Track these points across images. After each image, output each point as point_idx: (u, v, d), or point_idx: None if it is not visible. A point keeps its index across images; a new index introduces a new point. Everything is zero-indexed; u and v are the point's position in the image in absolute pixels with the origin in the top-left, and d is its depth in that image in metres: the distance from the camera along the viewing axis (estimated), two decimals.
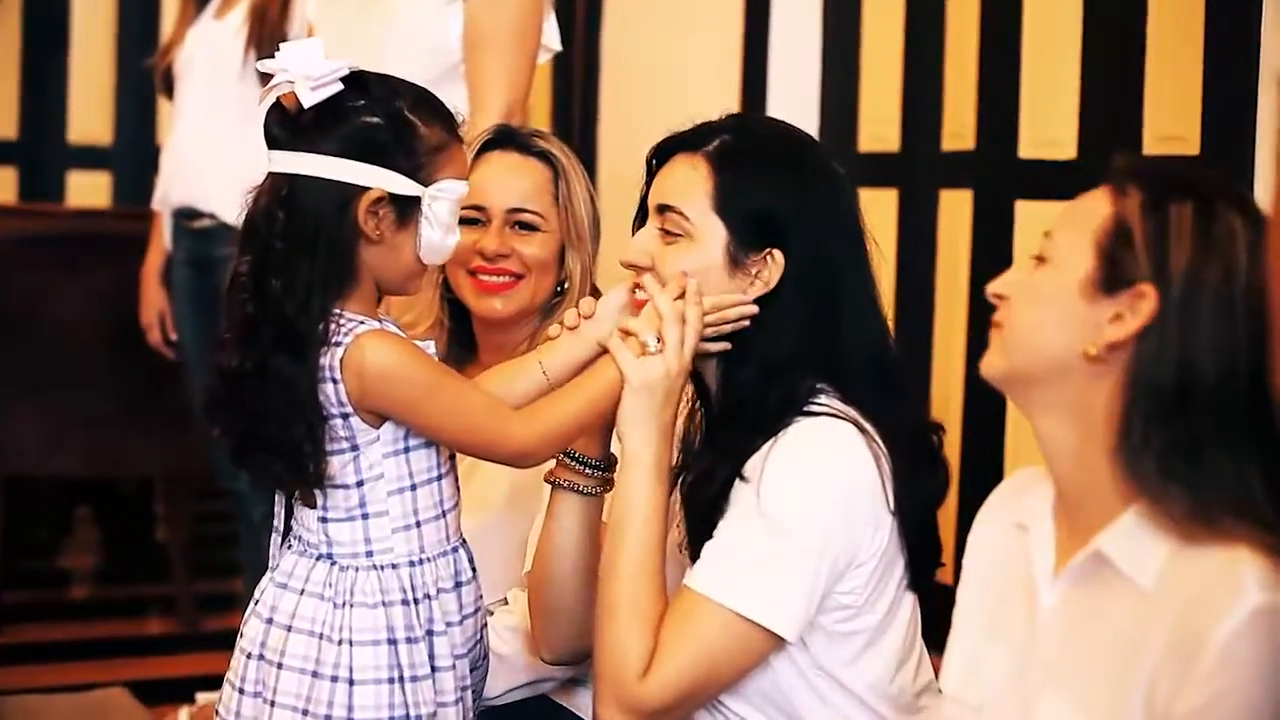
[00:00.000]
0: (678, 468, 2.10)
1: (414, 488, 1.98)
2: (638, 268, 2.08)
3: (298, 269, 1.91)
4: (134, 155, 5.71)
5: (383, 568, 1.97)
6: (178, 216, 3.89)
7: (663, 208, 2.06)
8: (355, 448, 1.94)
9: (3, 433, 4.30)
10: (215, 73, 3.72)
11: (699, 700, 1.99)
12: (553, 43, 3.18)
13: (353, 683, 1.94)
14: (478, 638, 2.06)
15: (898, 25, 4.08)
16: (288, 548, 2.03)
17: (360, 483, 1.96)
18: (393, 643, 1.95)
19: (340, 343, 1.91)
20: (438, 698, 1.97)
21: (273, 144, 1.95)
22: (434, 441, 1.98)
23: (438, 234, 1.97)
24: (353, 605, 1.96)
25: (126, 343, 4.15)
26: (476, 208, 2.49)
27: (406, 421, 1.95)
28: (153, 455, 4.45)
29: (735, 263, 2.03)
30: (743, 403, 2.02)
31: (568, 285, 2.52)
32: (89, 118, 5.87)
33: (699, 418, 2.15)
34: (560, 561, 2.15)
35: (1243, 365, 1.53)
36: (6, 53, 5.85)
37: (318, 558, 1.99)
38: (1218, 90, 3.09)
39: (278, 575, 2.02)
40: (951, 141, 3.89)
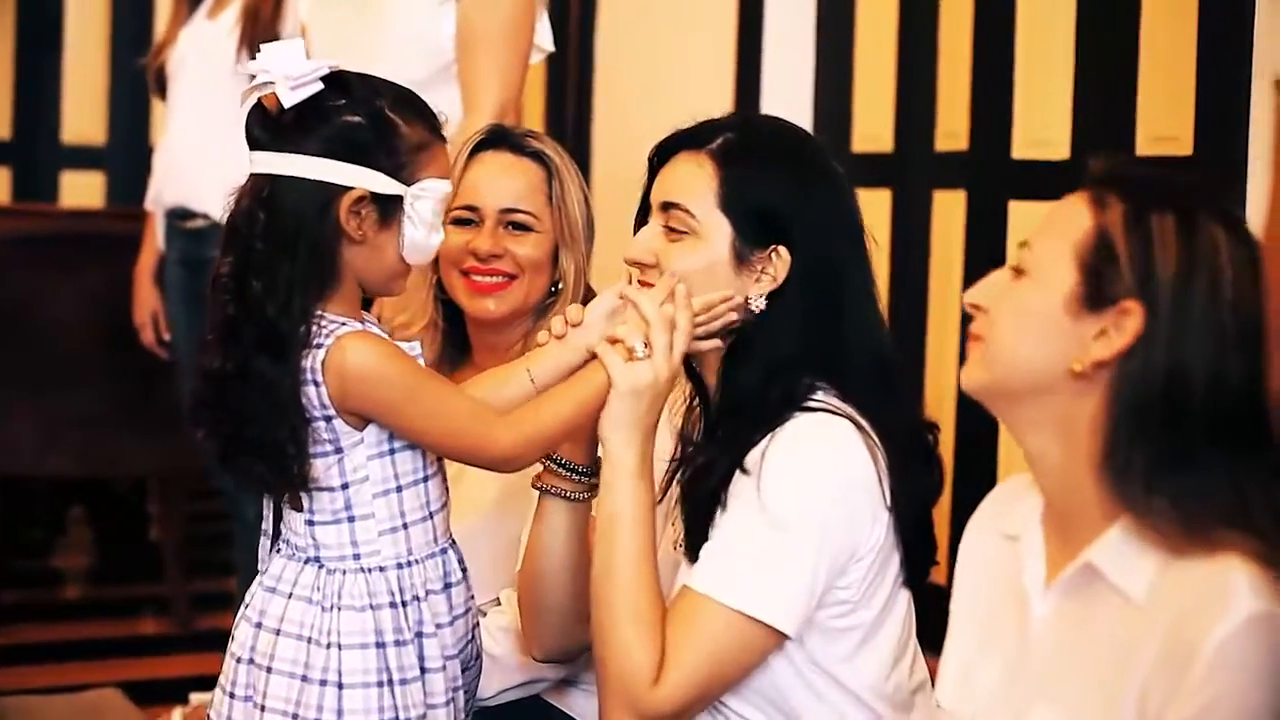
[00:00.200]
0: (675, 463, 2.11)
1: (400, 489, 1.97)
2: (642, 265, 2.08)
3: (279, 270, 1.90)
4: (127, 155, 5.71)
5: (370, 570, 1.97)
6: (171, 216, 3.89)
7: (667, 205, 2.06)
8: (339, 450, 1.94)
9: None
10: (208, 73, 3.73)
11: (709, 700, 1.99)
12: (545, 43, 3.18)
13: (341, 686, 1.94)
14: (469, 638, 2.06)
15: (891, 26, 4.09)
16: (277, 551, 2.03)
17: (345, 485, 1.95)
18: (381, 646, 1.95)
19: (321, 344, 1.90)
20: (428, 699, 1.97)
21: (254, 145, 1.95)
22: (417, 446, 1.97)
23: (421, 233, 1.96)
24: (340, 609, 1.95)
25: (120, 343, 4.15)
26: (470, 208, 2.49)
27: (388, 424, 1.94)
28: (146, 455, 4.45)
29: (740, 259, 2.03)
30: (744, 399, 2.02)
31: (561, 286, 2.51)
32: (82, 118, 5.87)
33: (696, 414, 2.15)
34: (549, 563, 2.15)
35: (1232, 375, 1.52)
36: (0, 53, 5.84)
37: (305, 561, 1.99)
38: (1211, 91, 3.09)
39: (266, 579, 2.02)
40: (945, 142, 3.89)
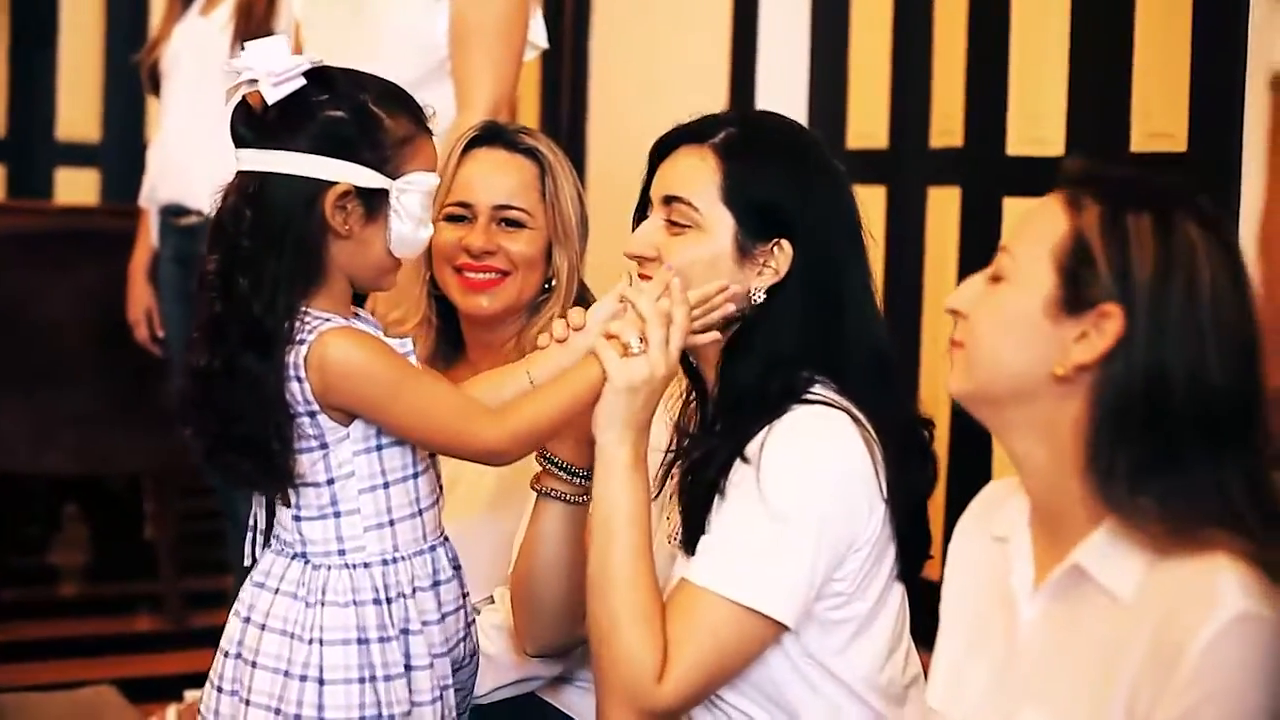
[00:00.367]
0: (671, 455, 2.11)
1: (387, 486, 1.97)
2: (643, 259, 2.08)
3: (264, 266, 1.90)
4: (122, 152, 5.70)
5: (355, 566, 1.96)
6: (165, 213, 3.89)
7: (670, 199, 2.07)
8: (324, 445, 1.94)
9: None
10: (202, 69, 3.72)
11: (712, 691, 2.00)
12: (540, 40, 3.18)
13: (323, 682, 1.94)
14: (462, 636, 2.06)
15: (886, 23, 4.09)
16: (268, 547, 2.03)
17: (331, 480, 1.95)
18: (364, 642, 1.95)
19: (304, 340, 1.90)
20: (414, 696, 1.97)
21: (239, 142, 1.95)
22: (405, 441, 1.97)
23: (408, 227, 1.96)
24: (324, 604, 1.95)
25: (115, 340, 4.15)
26: (463, 204, 2.48)
27: (373, 418, 1.94)
28: (141, 452, 4.45)
29: (743, 252, 2.04)
30: (743, 392, 2.03)
31: (555, 282, 2.51)
32: (77, 115, 5.87)
33: (693, 408, 2.15)
34: (544, 563, 2.15)
35: (1213, 374, 1.53)
36: None
37: (293, 556, 1.99)
38: (1205, 87, 3.09)
39: (256, 574, 2.02)
40: (940, 139, 3.89)
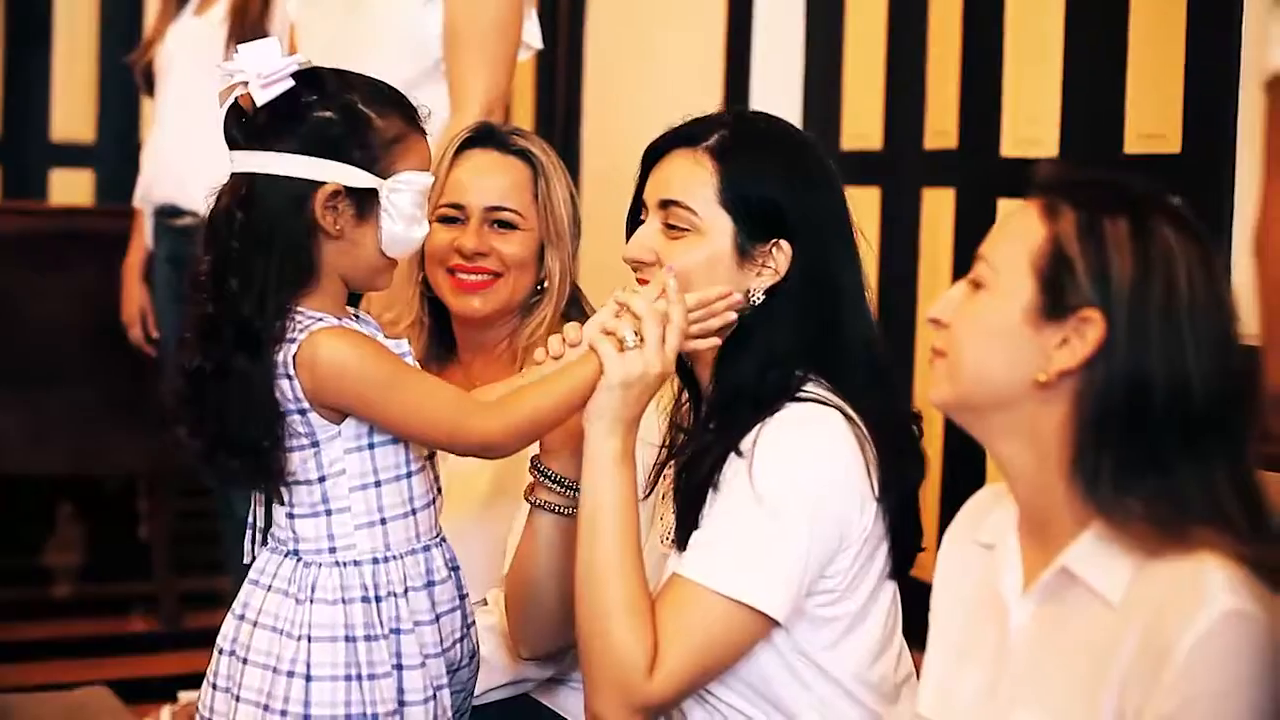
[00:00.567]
0: (666, 456, 2.12)
1: (379, 484, 1.98)
2: (641, 263, 2.08)
3: (254, 267, 1.91)
4: (116, 153, 5.68)
5: (344, 564, 1.97)
6: (159, 214, 3.89)
7: (666, 203, 2.07)
8: (315, 443, 1.95)
9: None
10: (196, 70, 3.72)
11: (702, 685, 2.00)
12: (534, 40, 3.18)
13: (309, 679, 1.94)
14: (459, 636, 2.06)
15: (880, 23, 4.08)
16: (264, 545, 2.04)
17: (322, 478, 1.96)
18: (351, 640, 1.95)
19: (294, 339, 1.91)
20: (404, 696, 1.97)
21: (232, 145, 1.96)
22: (399, 438, 1.98)
23: (400, 226, 1.96)
24: (313, 601, 1.96)
25: (109, 340, 4.15)
26: (455, 205, 2.49)
27: (367, 417, 1.95)
28: (136, 453, 4.45)
29: (743, 254, 2.05)
30: (739, 390, 2.04)
31: (547, 284, 2.51)
32: (72, 115, 5.85)
33: (686, 409, 2.16)
34: (539, 573, 2.16)
35: (1194, 375, 1.53)
36: None
37: (286, 554, 2.00)
38: (1199, 89, 3.09)
39: (252, 572, 2.03)
40: (934, 140, 3.88)
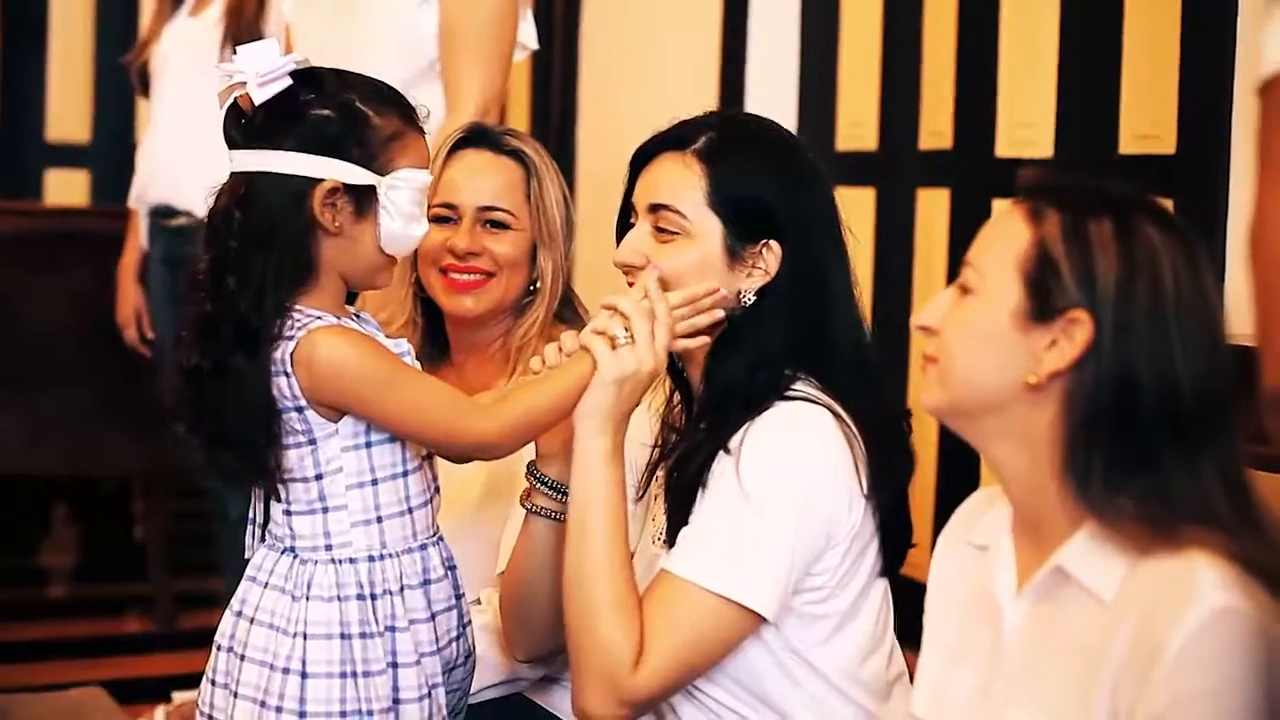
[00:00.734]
0: (658, 452, 2.13)
1: (375, 483, 1.98)
2: (632, 267, 2.09)
3: (253, 265, 1.92)
4: (112, 153, 5.68)
5: (340, 562, 1.98)
6: (154, 214, 3.88)
7: (656, 207, 2.08)
8: (312, 441, 1.95)
9: None
10: (191, 70, 3.72)
11: (689, 681, 2.01)
12: (529, 41, 3.18)
13: (305, 676, 1.95)
14: (455, 635, 2.06)
15: (876, 24, 4.09)
16: (262, 542, 2.05)
17: (319, 476, 1.97)
18: (346, 637, 1.96)
19: (292, 337, 1.92)
20: (399, 694, 1.98)
21: (231, 144, 1.97)
22: (396, 436, 1.98)
23: (398, 224, 1.97)
24: (309, 599, 1.97)
25: (104, 341, 4.14)
26: (448, 205, 2.49)
27: (364, 415, 1.96)
28: (131, 454, 4.45)
29: (733, 255, 2.05)
30: (730, 389, 2.04)
31: (539, 284, 2.52)
32: (67, 115, 5.85)
33: (677, 410, 2.16)
34: (534, 578, 2.16)
35: (1182, 373, 1.54)
36: None
37: (283, 551, 2.01)
38: (1194, 89, 3.10)
39: (249, 569, 2.04)
40: (929, 140, 3.89)
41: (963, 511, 1.82)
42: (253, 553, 2.05)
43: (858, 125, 4.14)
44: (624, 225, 2.14)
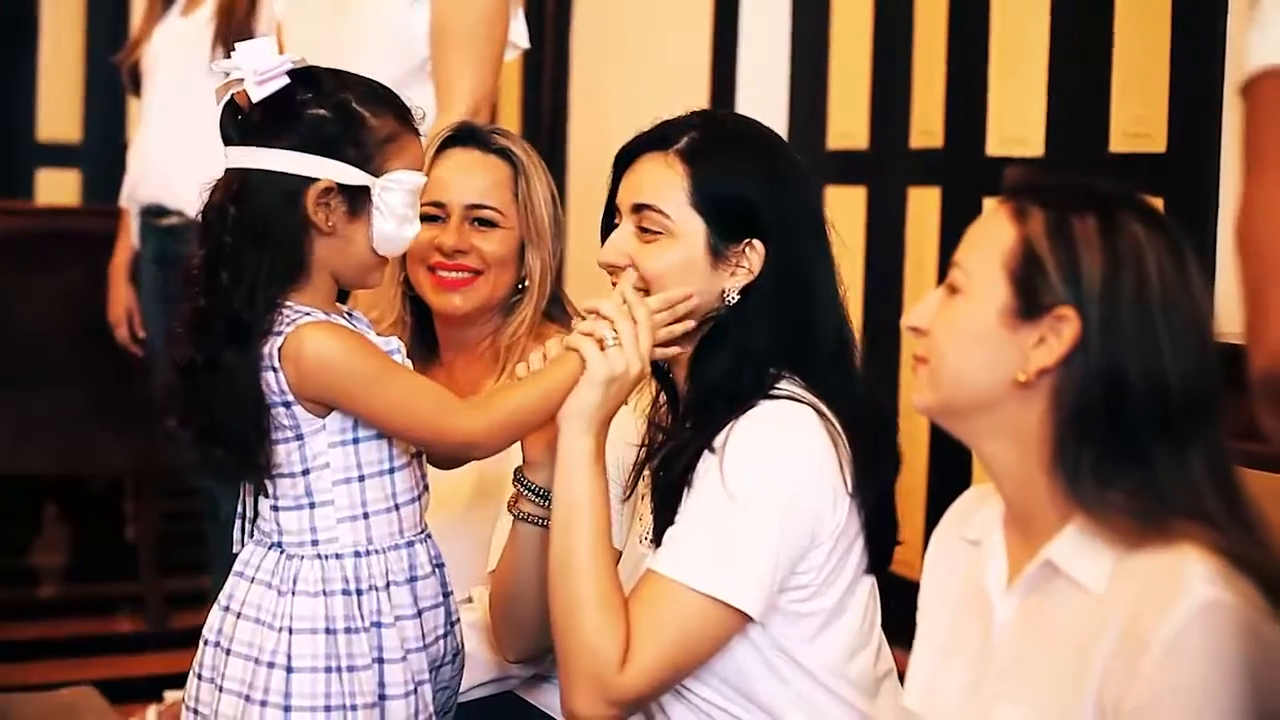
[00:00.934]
0: (645, 451, 2.13)
1: (362, 479, 1.99)
2: (615, 268, 2.09)
3: (246, 262, 1.93)
4: (103, 153, 5.69)
5: (326, 557, 1.98)
6: (145, 214, 3.88)
7: (639, 207, 2.08)
8: (300, 436, 1.96)
9: None
10: (182, 70, 3.72)
11: (676, 681, 2.01)
12: (521, 40, 3.18)
13: (290, 670, 1.96)
14: (442, 632, 2.06)
15: (866, 23, 4.09)
16: (250, 537, 2.06)
17: (306, 471, 1.97)
18: (331, 632, 1.96)
19: (281, 332, 1.93)
20: (385, 689, 1.98)
21: (227, 141, 1.98)
22: (383, 433, 1.99)
23: (391, 224, 1.98)
24: (295, 593, 1.97)
25: (95, 340, 4.14)
26: (436, 204, 2.49)
27: (351, 411, 1.96)
28: (122, 453, 4.45)
29: (716, 255, 2.05)
30: (714, 388, 2.04)
31: (528, 283, 2.52)
32: (58, 115, 5.85)
33: (664, 408, 2.17)
34: (523, 582, 2.17)
35: (1169, 368, 1.55)
36: None
37: (270, 546, 2.02)
38: (1184, 87, 3.10)
39: (237, 564, 2.05)
40: (920, 139, 3.90)
41: (956, 508, 1.83)
42: (240, 547, 2.06)
43: (848, 124, 4.15)
44: (608, 226, 2.14)
